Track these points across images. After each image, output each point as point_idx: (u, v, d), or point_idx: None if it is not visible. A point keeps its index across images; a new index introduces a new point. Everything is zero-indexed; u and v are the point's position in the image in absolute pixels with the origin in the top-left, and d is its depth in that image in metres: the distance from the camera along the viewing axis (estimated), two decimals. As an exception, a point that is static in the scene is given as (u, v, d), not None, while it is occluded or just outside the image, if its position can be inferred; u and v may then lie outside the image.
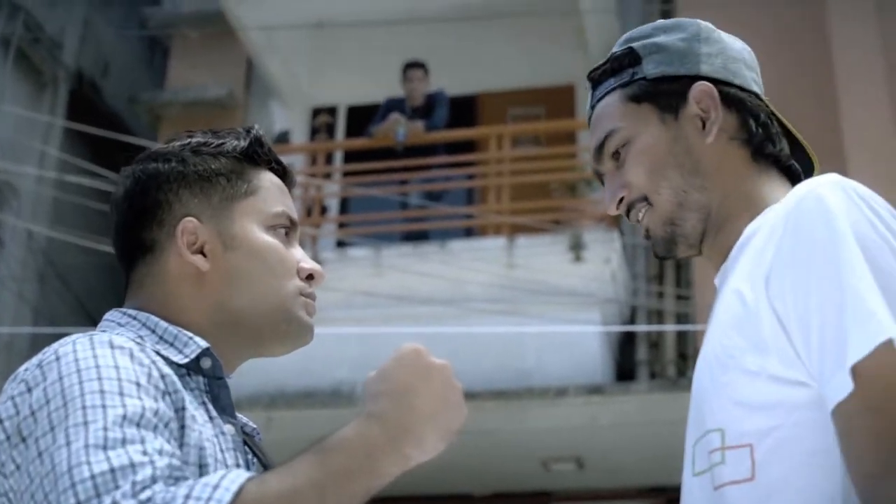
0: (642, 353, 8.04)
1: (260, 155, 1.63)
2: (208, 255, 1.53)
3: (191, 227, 1.53)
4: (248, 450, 1.51)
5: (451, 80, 9.33)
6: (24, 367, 1.37)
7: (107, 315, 1.54)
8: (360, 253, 8.32)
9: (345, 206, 10.00)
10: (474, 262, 7.87)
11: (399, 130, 8.58)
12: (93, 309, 9.69)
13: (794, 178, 1.58)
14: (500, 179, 8.53)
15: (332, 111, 10.36)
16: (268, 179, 1.62)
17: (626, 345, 8.22)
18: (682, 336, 8.00)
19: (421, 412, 1.31)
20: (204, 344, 1.48)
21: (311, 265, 1.60)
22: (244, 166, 1.61)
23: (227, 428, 1.47)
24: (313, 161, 9.39)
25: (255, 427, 1.60)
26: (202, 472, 1.33)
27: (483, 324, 7.47)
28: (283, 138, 9.83)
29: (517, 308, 7.57)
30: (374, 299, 7.81)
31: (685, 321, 8.02)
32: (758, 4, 8.64)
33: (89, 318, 9.41)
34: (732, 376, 1.36)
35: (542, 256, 7.86)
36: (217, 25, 9.87)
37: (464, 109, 9.66)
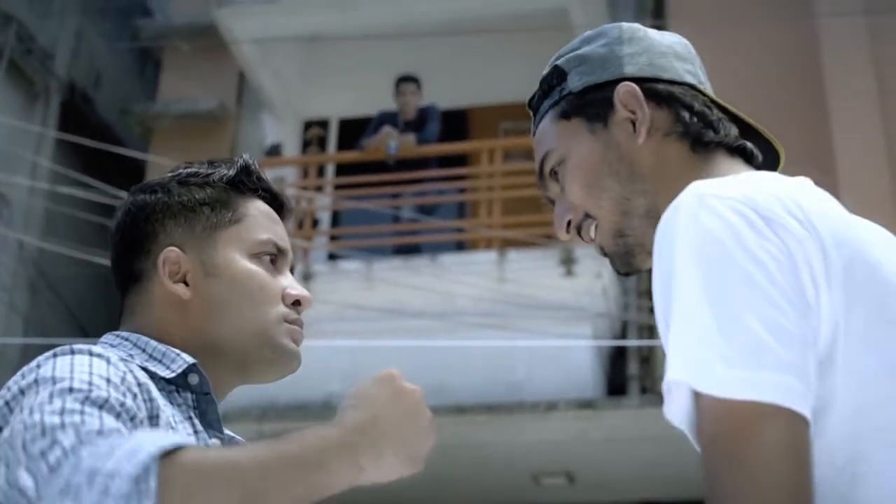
0: (633, 367, 8.04)
1: (246, 184, 1.64)
2: (190, 283, 1.56)
3: (173, 257, 1.57)
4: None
5: (442, 93, 9.34)
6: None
7: (101, 338, 1.57)
8: (351, 266, 8.32)
9: (336, 219, 9.99)
10: (465, 276, 7.87)
11: (391, 144, 8.58)
12: (84, 320, 9.67)
13: (750, 159, 1.53)
14: (492, 193, 8.54)
15: (323, 124, 10.35)
16: (255, 207, 1.64)
17: (617, 359, 8.22)
18: (672, 351, 7.98)
19: (383, 427, 1.33)
20: (190, 360, 1.51)
21: (298, 291, 1.61)
22: (230, 195, 1.63)
23: (213, 441, 1.49)
24: (305, 174, 9.39)
25: (243, 441, 1.60)
26: None
27: (474, 337, 7.47)
28: (275, 151, 9.83)
29: (508, 322, 7.56)
30: (365, 312, 7.81)
31: (676, 336, 8.00)
32: (749, 20, 8.67)
33: (80, 329, 9.39)
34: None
35: (533, 270, 7.87)
36: (209, 38, 9.87)
37: (455, 123, 9.67)
